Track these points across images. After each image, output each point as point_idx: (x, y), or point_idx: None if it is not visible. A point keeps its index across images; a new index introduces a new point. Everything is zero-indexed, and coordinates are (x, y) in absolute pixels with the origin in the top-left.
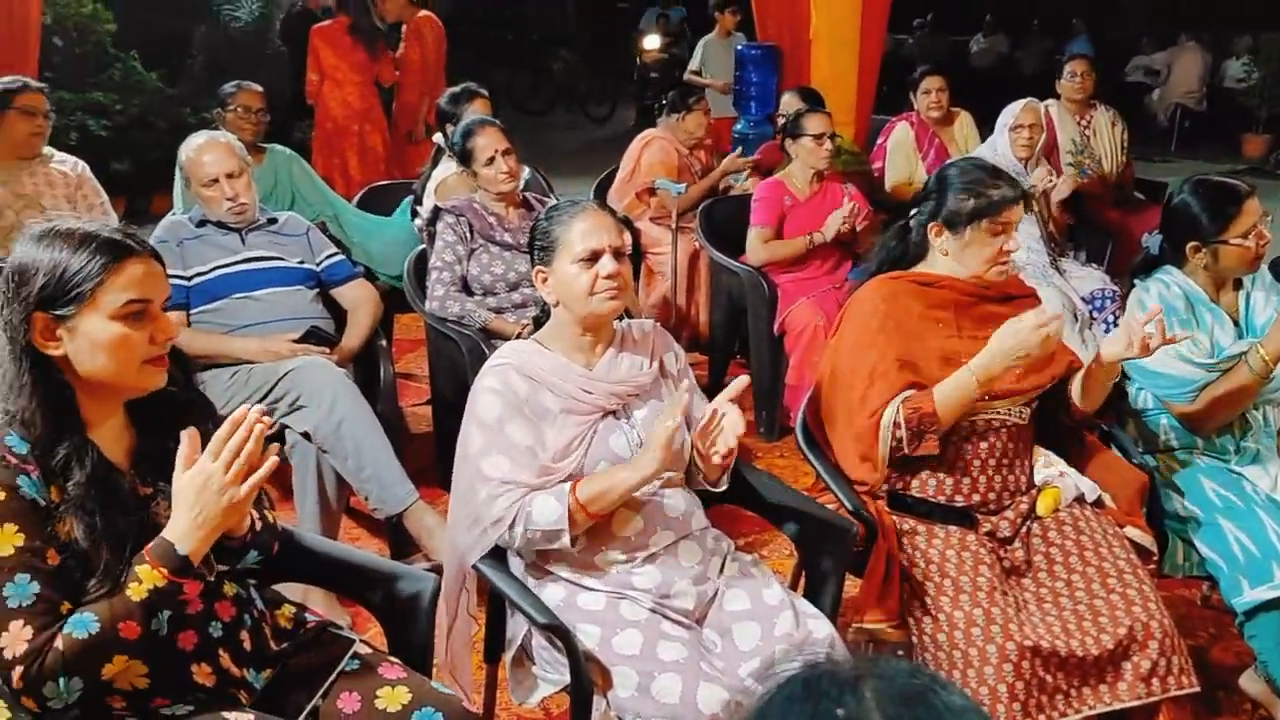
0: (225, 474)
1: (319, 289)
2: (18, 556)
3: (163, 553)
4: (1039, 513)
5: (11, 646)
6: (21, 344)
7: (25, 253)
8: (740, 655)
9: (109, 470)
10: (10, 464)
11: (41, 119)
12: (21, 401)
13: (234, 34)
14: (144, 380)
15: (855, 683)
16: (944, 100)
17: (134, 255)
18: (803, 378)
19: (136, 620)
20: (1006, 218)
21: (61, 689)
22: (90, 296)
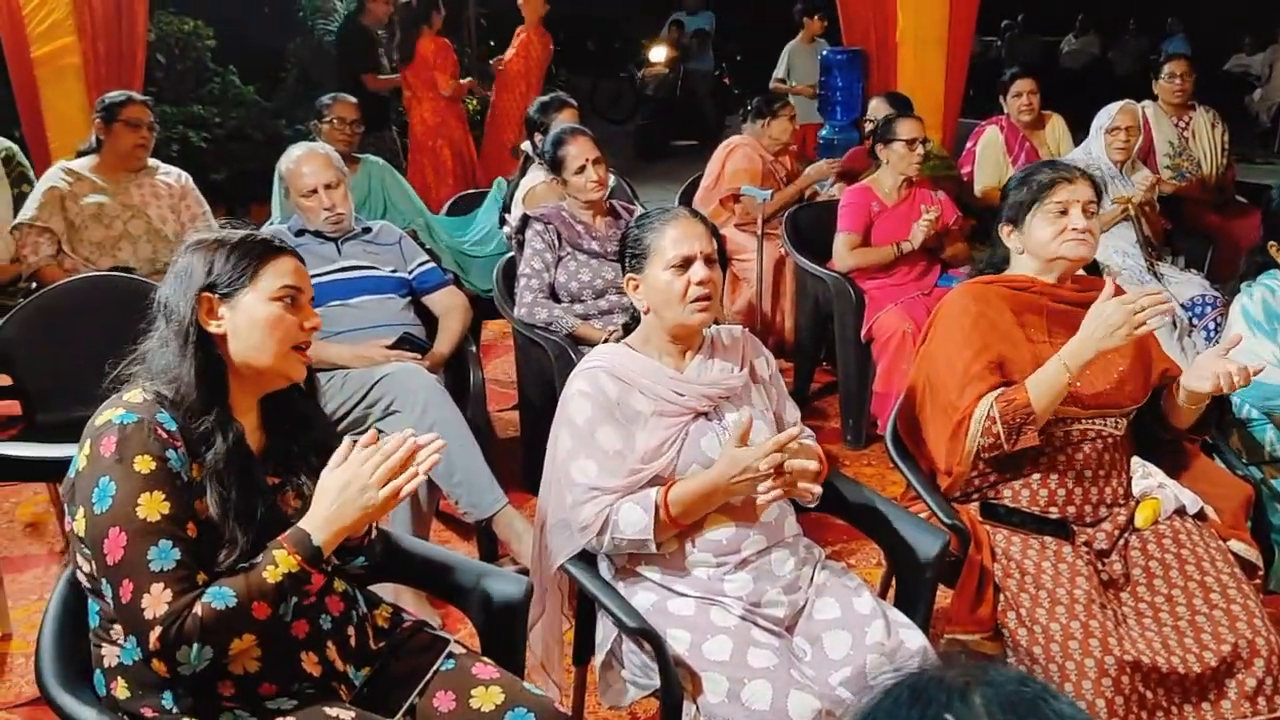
0: (370, 477)
1: (411, 296)
2: (163, 523)
3: (298, 540)
4: (1138, 525)
5: (152, 607)
6: (188, 323)
7: (187, 257)
8: (831, 664)
9: (246, 450)
10: (161, 438)
11: (146, 130)
12: (180, 373)
13: (326, 48)
14: (290, 366)
15: (964, 690)
16: (1035, 103)
17: (287, 252)
18: (890, 385)
19: (269, 601)
20: (1060, 196)
21: (194, 655)
22: (253, 277)
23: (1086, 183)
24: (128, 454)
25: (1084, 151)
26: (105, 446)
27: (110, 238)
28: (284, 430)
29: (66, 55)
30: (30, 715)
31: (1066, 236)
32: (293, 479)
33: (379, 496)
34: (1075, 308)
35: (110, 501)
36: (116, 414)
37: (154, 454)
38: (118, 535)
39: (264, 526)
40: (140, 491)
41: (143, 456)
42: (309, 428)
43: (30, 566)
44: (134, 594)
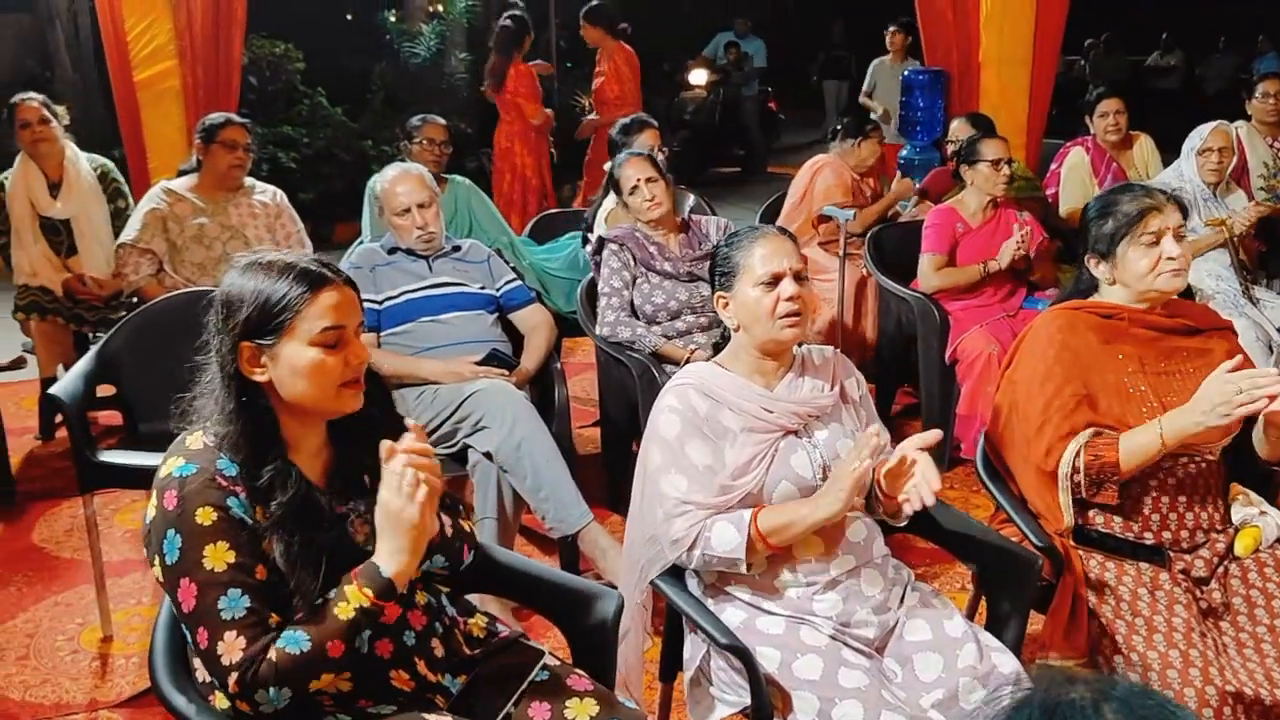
0: (398, 498)
1: (498, 313)
2: (230, 572)
3: (369, 575)
4: (1237, 553)
5: (228, 654)
6: (230, 372)
7: (231, 284)
8: (922, 686)
9: (309, 490)
10: (222, 486)
11: (242, 151)
12: (230, 426)
13: (412, 70)
14: (341, 403)
15: (1095, 705)
16: (1122, 123)
17: (329, 284)
18: (974, 408)
19: (342, 639)
20: (1151, 226)
21: (273, 697)
22: (289, 325)
23: (1174, 207)
24: (189, 508)
25: (1175, 173)
26: (168, 500)
27: (211, 259)
28: (354, 446)
29: (167, 79)
30: (131, 715)
31: (1162, 268)
32: (358, 504)
33: (413, 512)
34: (1166, 334)
35: (178, 554)
36: (177, 465)
37: (215, 504)
38: (188, 586)
39: (333, 561)
40: (204, 544)
41: (204, 509)
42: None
43: (129, 571)
44: (209, 641)
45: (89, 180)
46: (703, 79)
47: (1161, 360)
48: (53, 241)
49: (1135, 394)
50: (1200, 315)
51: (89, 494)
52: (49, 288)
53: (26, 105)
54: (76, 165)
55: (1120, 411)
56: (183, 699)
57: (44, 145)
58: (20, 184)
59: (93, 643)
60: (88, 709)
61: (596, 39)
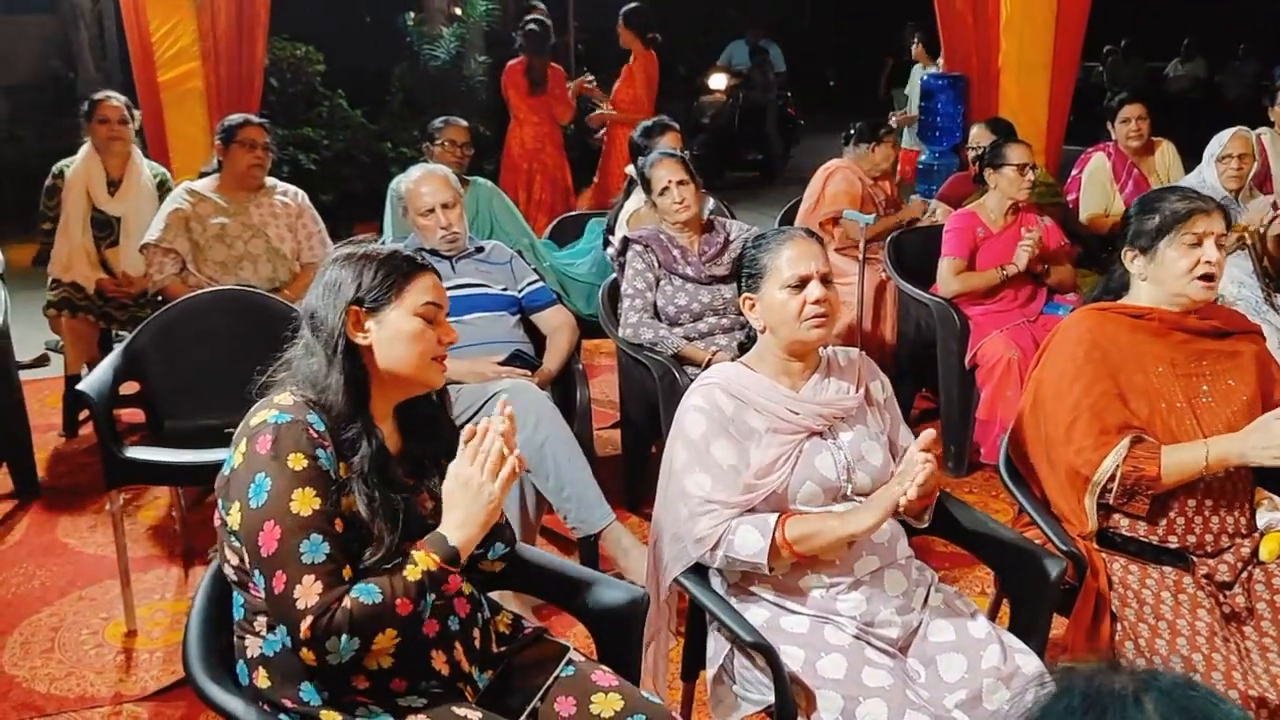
0: (481, 474)
1: (520, 314)
2: (314, 518)
3: (436, 542)
4: (1262, 558)
5: (304, 598)
6: (337, 333)
7: (335, 270)
8: (946, 686)
9: (386, 454)
10: (313, 438)
11: (261, 150)
12: (329, 382)
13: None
14: (430, 375)
15: (1136, 696)
16: (1144, 129)
17: (428, 270)
18: (994, 412)
19: (410, 598)
20: (1197, 228)
21: (343, 646)
22: (399, 293)
23: (1221, 214)
24: (282, 451)
25: (1197, 178)
26: (261, 444)
27: (233, 258)
28: (416, 435)
29: (190, 80)
30: (155, 709)
31: (1199, 271)
32: (425, 481)
33: (495, 488)
34: (1196, 337)
35: (266, 496)
36: (271, 414)
37: (306, 452)
38: (273, 529)
39: (405, 523)
40: (294, 487)
41: (296, 454)
42: (438, 434)
43: (152, 567)
44: (287, 584)
45: (148, 184)
46: (722, 84)
47: (1191, 362)
48: (99, 237)
49: (1165, 395)
50: (1229, 318)
51: (115, 489)
52: (81, 284)
53: (110, 104)
54: (139, 167)
55: (1150, 412)
56: (216, 688)
57: (118, 144)
58: (82, 175)
59: (117, 637)
60: (112, 702)
61: (629, 42)
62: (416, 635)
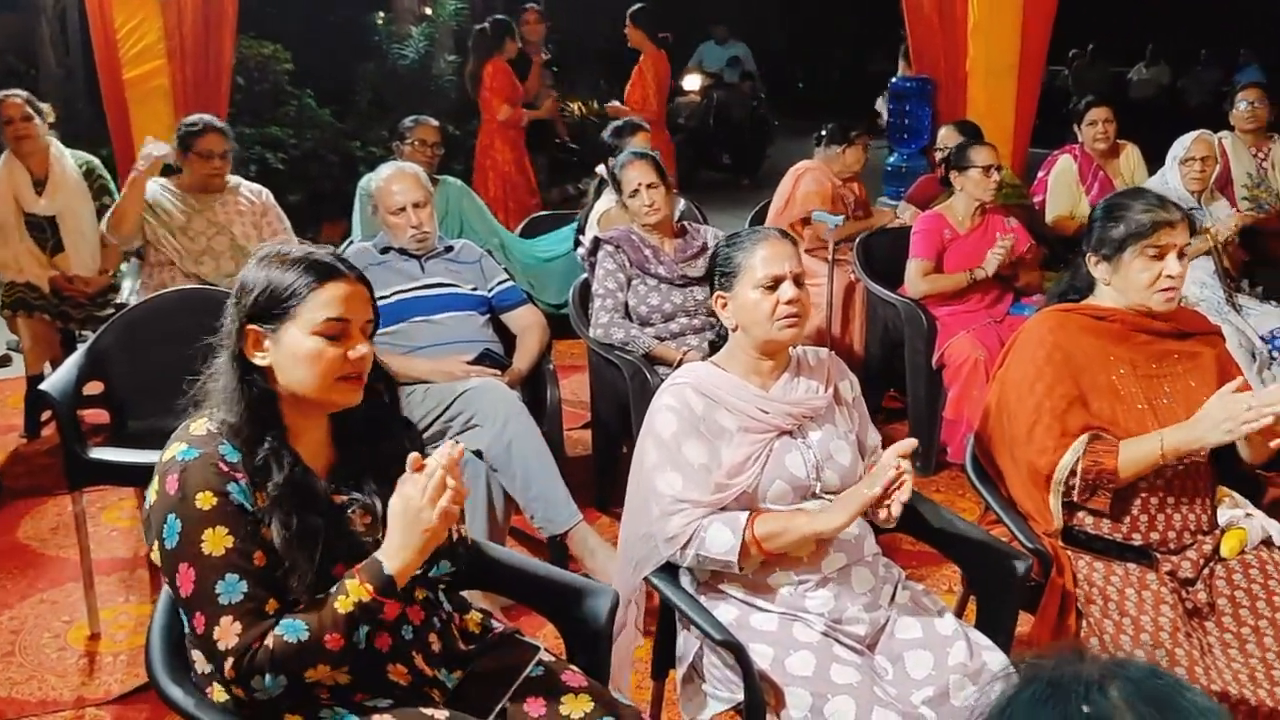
0: (421, 498)
1: (490, 314)
2: (227, 557)
3: (372, 571)
4: (1223, 554)
5: (223, 639)
6: (235, 352)
7: (248, 272)
8: (913, 683)
9: (306, 474)
10: (223, 471)
11: (218, 160)
12: (232, 406)
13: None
14: (337, 396)
15: (1102, 683)
16: (1111, 131)
17: (339, 277)
18: (960, 412)
19: (340, 632)
20: (1160, 241)
21: (268, 684)
22: (292, 312)
23: (1185, 225)
24: (190, 491)
25: (1160, 181)
26: (170, 484)
27: (194, 251)
28: (356, 442)
29: (156, 78)
30: (118, 713)
31: (1160, 285)
32: (359, 496)
33: (432, 516)
34: (1158, 338)
35: (177, 538)
36: (180, 450)
37: (215, 489)
38: (186, 570)
39: (330, 548)
40: (204, 528)
41: (204, 494)
42: (387, 437)
43: (116, 570)
44: (206, 626)
45: (74, 177)
46: (696, 84)
47: (1152, 363)
48: (38, 239)
49: (1126, 396)
50: (1190, 320)
51: (78, 491)
52: (36, 284)
53: (9, 102)
54: (62, 162)
55: (1111, 413)
56: (179, 691)
57: (27, 143)
58: (5, 181)
59: (80, 640)
60: (74, 706)
61: (638, 41)
62: (366, 654)
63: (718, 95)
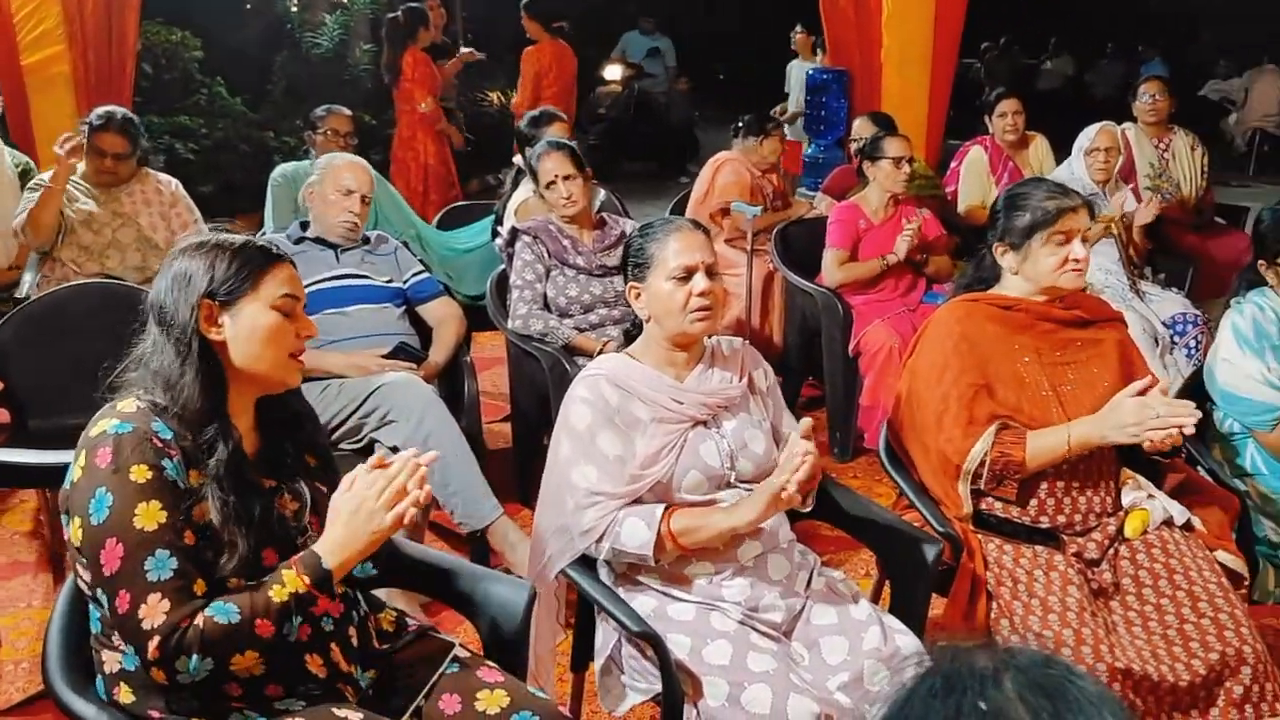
0: (376, 501)
1: (406, 306)
2: (160, 533)
3: (309, 564)
4: (1127, 535)
5: (150, 617)
6: (189, 331)
7: (184, 261)
8: (828, 669)
9: (243, 456)
10: (157, 446)
11: (110, 160)
12: (183, 381)
13: (313, 60)
14: (287, 373)
15: (995, 675)
16: (1020, 123)
17: (284, 259)
18: (876, 399)
19: (272, 620)
20: (1065, 226)
21: (193, 666)
22: (255, 285)
23: (1086, 210)
24: (124, 464)
25: (1067, 171)
26: (101, 457)
27: (99, 244)
28: (277, 431)
29: (56, 64)
30: None
31: (1068, 268)
32: (287, 481)
33: (386, 520)
34: (1062, 326)
35: (107, 512)
36: (111, 424)
37: (150, 463)
38: (115, 546)
39: (262, 529)
40: (137, 501)
41: (139, 466)
42: (300, 427)
43: (18, 574)
44: (131, 604)
45: (9, 173)
46: (618, 74)
47: (1056, 350)
48: None
49: (1031, 383)
50: (1093, 307)
51: None
52: None
53: None
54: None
55: (1017, 400)
56: (80, 700)
57: None
58: None
59: None
60: None
61: (535, 33)
62: (282, 645)
63: (639, 86)
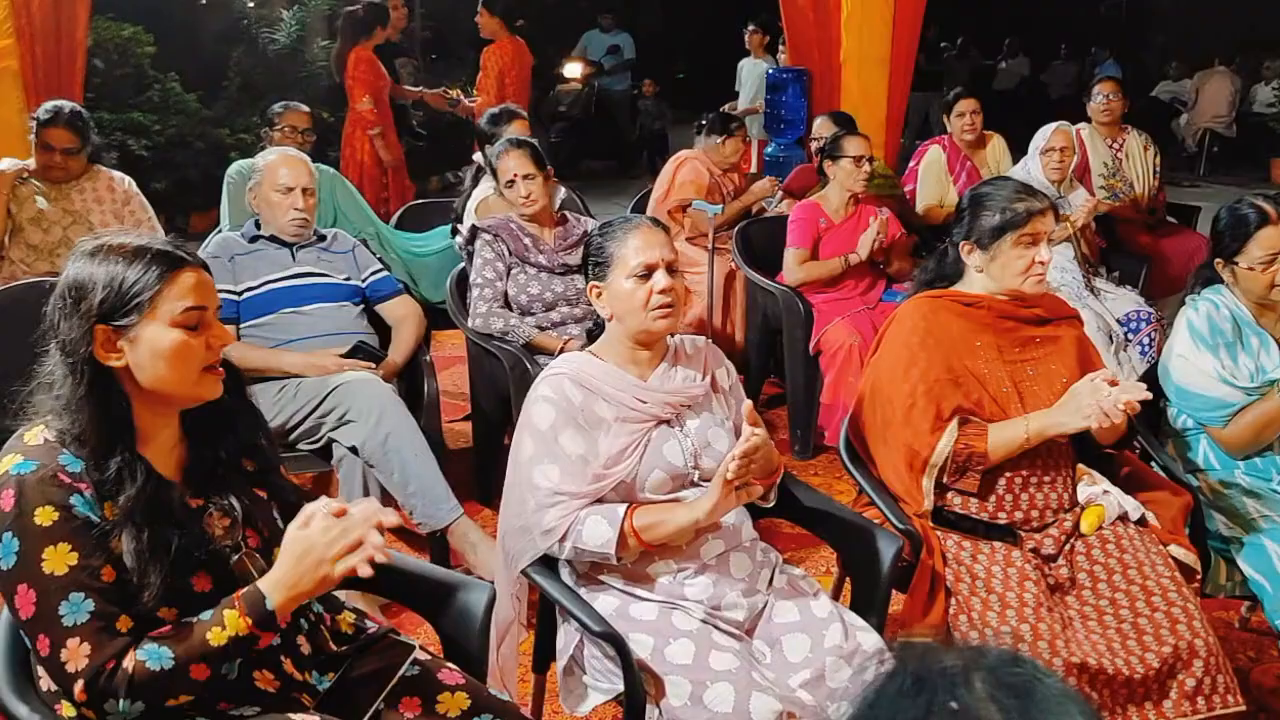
0: (327, 551)
1: (364, 305)
2: (71, 575)
3: (252, 602)
4: (1082, 530)
5: (72, 661)
6: (82, 358)
7: (80, 269)
8: (790, 666)
9: (159, 484)
10: (64, 483)
11: (58, 155)
12: (78, 416)
13: (270, 56)
14: (202, 389)
15: (965, 675)
16: (978, 123)
17: (187, 265)
18: (837, 397)
19: (209, 663)
20: (1034, 229)
21: (123, 708)
22: (150, 305)
23: (1052, 212)
24: (27, 508)
25: (1023, 170)
26: (4, 501)
27: (49, 243)
28: (208, 437)
29: (4, 59)
30: None
31: (1033, 272)
32: (217, 498)
33: (335, 571)
34: (1022, 323)
35: (15, 558)
36: (14, 463)
37: (56, 503)
38: (26, 592)
39: (188, 557)
40: (44, 545)
41: (43, 509)
42: (234, 429)
43: None
44: (51, 648)
45: None
46: (577, 72)
47: (1016, 347)
48: None
49: (993, 379)
50: (1051, 305)
51: None
52: None
53: None
54: None
55: (979, 395)
56: (25, 708)
57: None
58: None
59: None
60: None
61: (493, 30)
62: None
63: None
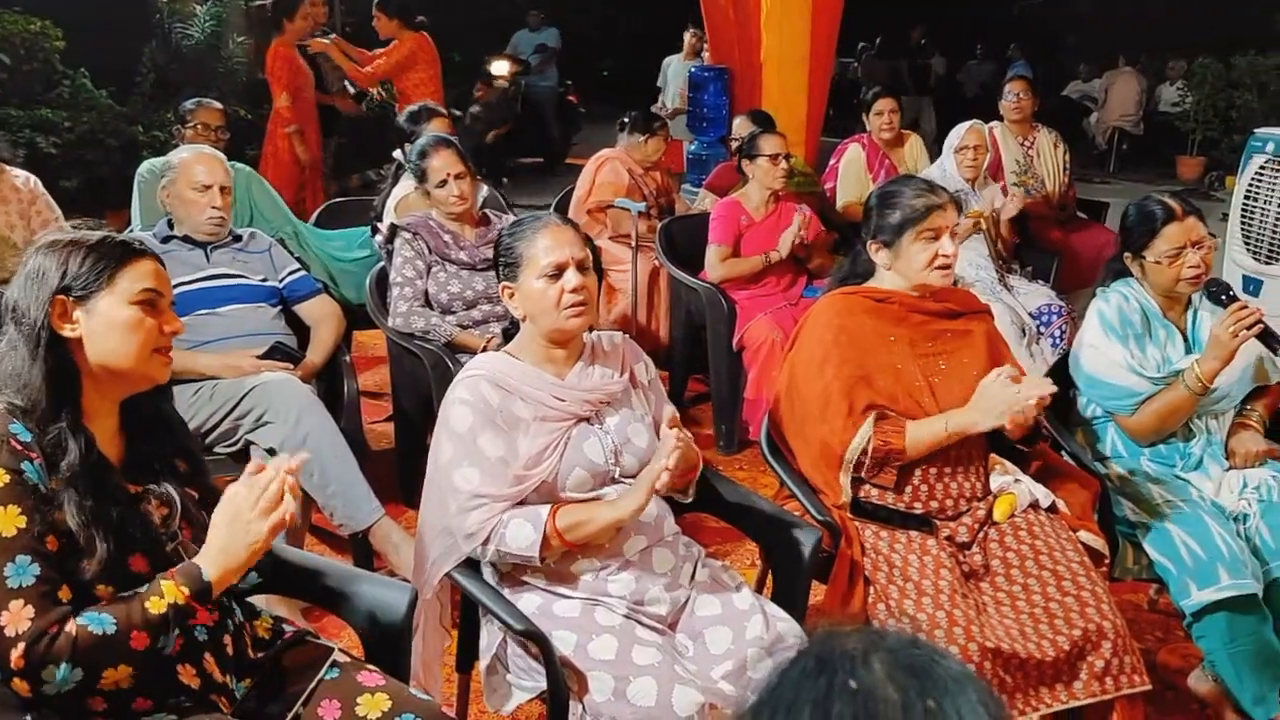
0: (252, 511)
1: (281, 305)
2: (19, 538)
3: (189, 575)
4: (995, 518)
5: (13, 624)
6: (39, 325)
7: (39, 258)
8: (713, 659)
9: (101, 460)
10: (15, 449)
11: None
12: (28, 384)
13: (185, 52)
14: (152, 368)
15: (865, 656)
16: (896, 122)
17: (147, 255)
18: (760, 392)
19: (149, 632)
20: (934, 224)
21: (61, 675)
22: (111, 280)
23: (954, 207)
24: None
25: (939, 169)
26: None
27: None
28: (145, 435)
29: None
30: None
31: (938, 264)
32: (154, 487)
33: (262, 529)
34: (933, 318)
35: None
36: None
37: (7, 467)
38: None
39: (128, 535)
40: None
41: None
42: (169, 430)
43: None
44: None
45: None
46: (504, 70)
47: (928, 342)
48: None
49: (905, 373)
50: (962, 300)
51: None
52: None
53: None
54: None
55: (892, 390)
56: None
57: None
58: None
59: None
60: None
61: (392, 31)
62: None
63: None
